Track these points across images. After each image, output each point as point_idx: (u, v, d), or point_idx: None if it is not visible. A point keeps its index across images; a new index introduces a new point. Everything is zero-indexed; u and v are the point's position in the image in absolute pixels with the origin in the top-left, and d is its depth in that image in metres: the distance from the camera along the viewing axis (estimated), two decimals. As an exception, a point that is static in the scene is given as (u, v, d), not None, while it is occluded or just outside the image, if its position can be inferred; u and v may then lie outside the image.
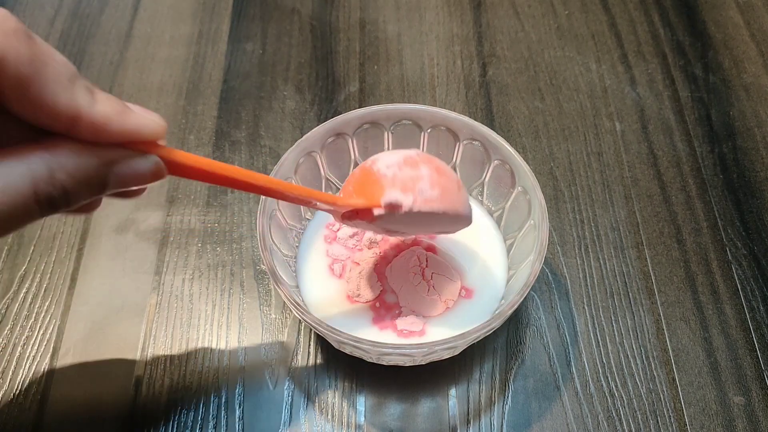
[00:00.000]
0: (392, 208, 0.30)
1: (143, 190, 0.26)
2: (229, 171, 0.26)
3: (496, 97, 0.50)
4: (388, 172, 0.31)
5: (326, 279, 0.39)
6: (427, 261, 0.38)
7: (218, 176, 0.26)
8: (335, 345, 0.35)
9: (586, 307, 0.41)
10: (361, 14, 0.55)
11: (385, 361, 0.35)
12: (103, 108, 0.21)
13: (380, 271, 0.39)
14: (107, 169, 0.22)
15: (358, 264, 0.39)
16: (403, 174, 0.31)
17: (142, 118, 0.23)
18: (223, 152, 0.47)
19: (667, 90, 0.51)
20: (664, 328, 0.40)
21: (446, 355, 0.35)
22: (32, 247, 0.42)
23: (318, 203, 0.32)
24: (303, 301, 0.37)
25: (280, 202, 0.37)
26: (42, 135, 0.21)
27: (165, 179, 0.24)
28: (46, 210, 0.21)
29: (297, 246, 0.40)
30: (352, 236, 0.40)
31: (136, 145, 0.23)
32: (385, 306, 0.38)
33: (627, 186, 0.46)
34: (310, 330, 0.39)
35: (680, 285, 0.42)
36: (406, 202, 0.30)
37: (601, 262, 0.42)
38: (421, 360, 0.34)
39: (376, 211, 0.31)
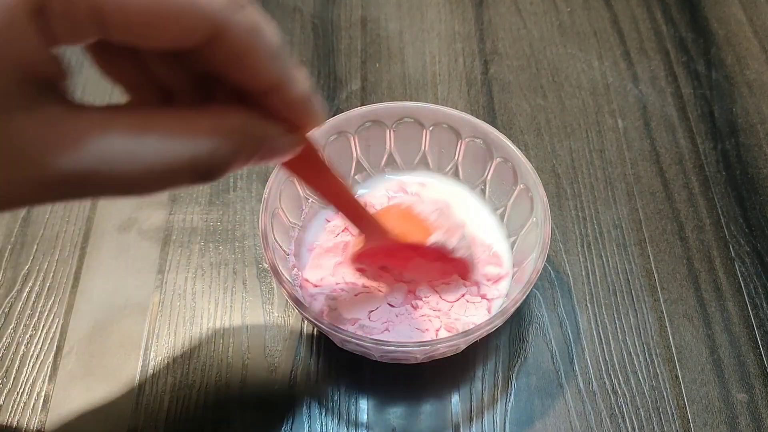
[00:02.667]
0: (438, 247, 0.35)
1: None
2: (339, 192, 0.30)
3: (498, 94, 0.50)
4: (431, 216, 0.35)
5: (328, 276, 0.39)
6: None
7: (327, 190, 0.29)
8: (338, 343, 0.35)
9: (588, 305, 0.40)
10: (362, 12, 0.55)
11: (388, 359, 0.35)
12: (301, 86, 0.22)
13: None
14: (262, 146, 0.22)
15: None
16: (444, 220, 0.36)
17: (317, 110, 0.23)
18: (225, 151, 0.47)
19: (669, 87, 0.51)
20: (667, 325, 0.40)
21: (449, 353, 0.35)
22: (35, 246, 0.42)
23: (369, 229, 0.34)
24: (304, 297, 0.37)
25: (282, 201, 0.37)
26: (205, 93, 0.22)
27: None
28: (200, 179, 0.21)
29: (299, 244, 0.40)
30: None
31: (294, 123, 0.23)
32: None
33: (629, 183, 0.46)
34: (313, 328, 0.39)
35: (683, 282, 0.41)
36: (451, 243, 0.35)
37: (604, 259, 0.42)
38: (423, 358, 0.34)
39: (430, 241, 0.35)
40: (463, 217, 0.39)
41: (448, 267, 0.37)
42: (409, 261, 0.38)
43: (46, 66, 0.18)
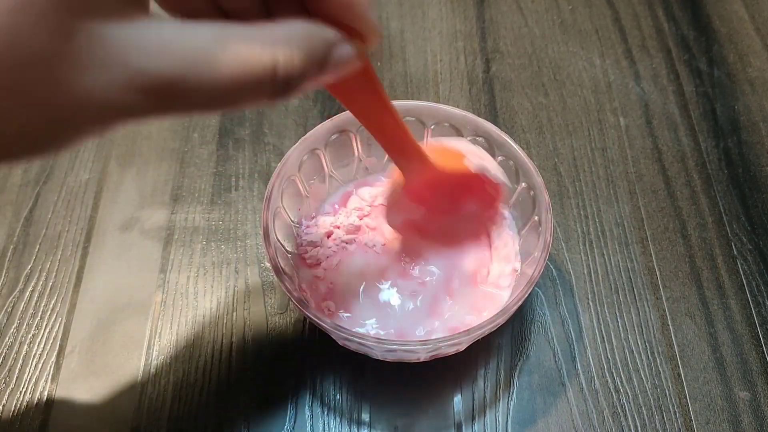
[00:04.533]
0: (480, 172, 0.35)
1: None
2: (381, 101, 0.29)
3: (500, 93, 0.50)
4: (463, 148, 0.35)
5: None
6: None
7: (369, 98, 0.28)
8: (340, 342, 0.35)
9: (590, 303, 0.40)
10: (363, 11, 0.55)
11: (390, 357, 0.35)
12: None
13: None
14: (330, 53, 0.23)
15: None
16: (479, 153, 0.36)
17: (372, 17, 0.24)
18: (226, 150, 0.47)
19: (671, 85, 0.50)
20: (669, 323, 0.40)
21: (451, 352, 0.35)
22: (38, 246, 0.42)
23: (407, 148, 0.33)
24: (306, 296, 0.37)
25: (284, 199, 0.37)
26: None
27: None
28: (281, 89, 0.21)
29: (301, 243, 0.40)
30: (347, 233, 0.40)
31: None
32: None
33: (631, 181, 0.46)
34: (315, 327, 0.39)
35: (685, 280, 0.41)
36: (491, 168, 0.35)
37: (606, 257, 0.42)
38: (425, 356, 0.34)
39: (473, 166, 0.35)
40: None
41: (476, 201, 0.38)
42: (443, 205, 0.38)
43: None
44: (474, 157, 0.35)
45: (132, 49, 0.18)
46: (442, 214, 0.38)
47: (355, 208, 0.40)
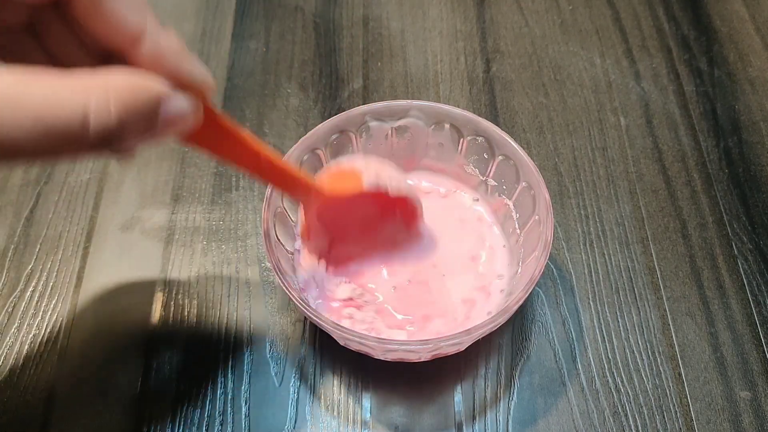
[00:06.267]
0: (375, 189, 0.34)
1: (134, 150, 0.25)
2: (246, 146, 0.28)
3: (500, 93, 0.50)
4: (360, 166, 0.35)
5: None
6: None
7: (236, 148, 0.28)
8: (340, 342, 0.35)
9: (591, 303, 0.40)
10: (364, 11, 0.55)
11: (391, 357, 0.35)
12: (167, 39, 0.22)
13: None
14: (156, 104, 0.21)
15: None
16: (376, 168, 0.35)
17: (197, 65, 0.23)
18: (227, 150, 0.47)
19: (671, 84, 0.50)
20: (670, 323, 0.40)
21: (452, 351, 0.35)
22: (38, 246, 0.42)
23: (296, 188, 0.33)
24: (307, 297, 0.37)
25: (284, 201, 0.38)
26: (99, 64, 0.22)
27: (170, 177, 0.25)
28: (97, 139, 0.20)
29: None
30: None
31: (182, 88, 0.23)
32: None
33: (632, 181, 0.46)
34: (316, 327, 0.39)
35: (686, 280, 0.41)
36: (384, 182, 0.35)
37: (607, 257, 0.42)
38: (426, 356, 0.34)
39: (366, 183, 0.34)
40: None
41: (396, 225, 0.38)
42: (358, 229, 0.38)
43: None
44: (369, 173, 0.35)
45: None
46: (366, 233, 0.38)
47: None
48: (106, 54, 0.23)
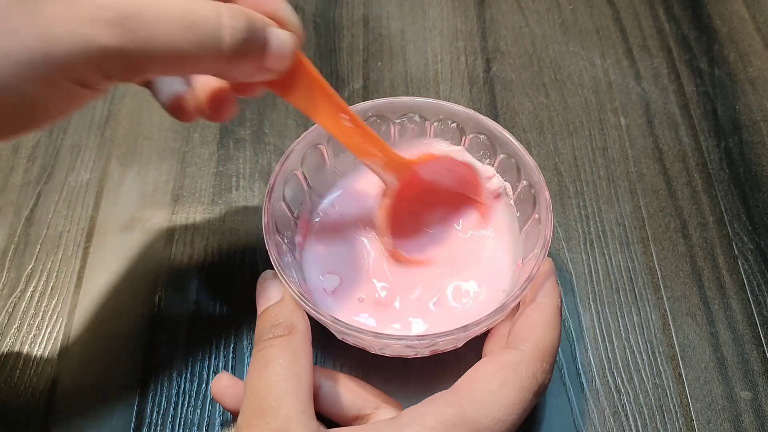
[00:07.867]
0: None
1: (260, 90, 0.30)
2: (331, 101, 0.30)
3: (501, 92, 0.50)
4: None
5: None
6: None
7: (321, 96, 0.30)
8: (338, 336, 0.35)
9: (591, 303, 0.40)
10: (364, 11, 0.55)
11: (388, 352, 0.35)
12: None
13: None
14: (266, 30, 0.25)
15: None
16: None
17: (291, 11, 0.26)
18: (227, 150, 0.47)
19: (672, 84, 0.50)
20: (671, 323, 0.40)
21: (449, 347, 0.35)
22: (39, 246, 0.42)
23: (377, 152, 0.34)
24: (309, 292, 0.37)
25: (285, 195, 0.37)
26: None
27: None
28: (229, 49, 0.23)
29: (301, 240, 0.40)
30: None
31: None
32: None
33: (632, 181, 0.46)
34: (315, 321, 0.39)
35: (686, 280, 0.41)
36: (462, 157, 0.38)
37: (607, 257, 0.42)
38: (423, 352, 0.34)
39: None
40: None
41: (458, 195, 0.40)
42: (426, 200, 0.39)
43: None
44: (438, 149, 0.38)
45: None
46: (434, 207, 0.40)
47: None
48: None
